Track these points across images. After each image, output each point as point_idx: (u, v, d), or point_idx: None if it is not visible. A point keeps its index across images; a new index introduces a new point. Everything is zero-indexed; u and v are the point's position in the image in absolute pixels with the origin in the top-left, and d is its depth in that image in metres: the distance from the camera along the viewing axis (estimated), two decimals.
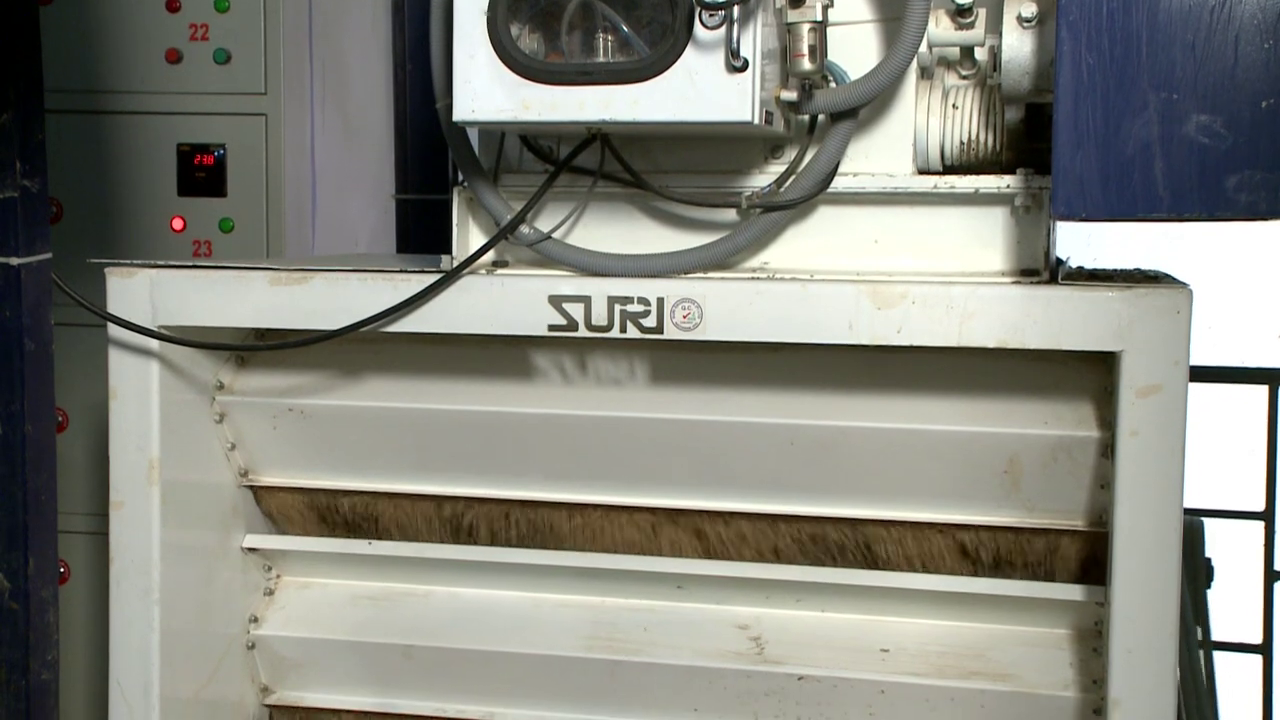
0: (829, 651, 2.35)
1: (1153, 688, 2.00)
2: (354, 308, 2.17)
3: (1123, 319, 1.94)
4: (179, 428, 2.31)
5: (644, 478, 2.34)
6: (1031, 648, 2.30)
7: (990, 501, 2.23)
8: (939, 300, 2.01)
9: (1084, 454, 2.13)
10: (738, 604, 2.42)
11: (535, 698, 2.46)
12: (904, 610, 2.36)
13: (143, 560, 2.27)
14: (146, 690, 2.27)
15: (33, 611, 1.94)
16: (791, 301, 2.06)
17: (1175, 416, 1.94)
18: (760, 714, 2.38)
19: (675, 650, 2.38)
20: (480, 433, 2.35)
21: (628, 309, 2.11)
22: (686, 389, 2.27)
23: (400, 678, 2.50)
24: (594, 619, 2.45)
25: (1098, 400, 2.13)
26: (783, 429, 2.23)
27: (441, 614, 2.50)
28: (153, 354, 2.25)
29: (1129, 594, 2.00)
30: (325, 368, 2.39)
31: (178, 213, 3.27)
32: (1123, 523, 1.98)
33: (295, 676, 2.55)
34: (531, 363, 2.32)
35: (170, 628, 2.30)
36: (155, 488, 2.26)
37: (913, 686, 2.29)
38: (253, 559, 2.52)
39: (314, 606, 2.55)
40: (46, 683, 1.98)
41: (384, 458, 2.42)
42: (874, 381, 2.22)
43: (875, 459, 2.23)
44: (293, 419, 2.40)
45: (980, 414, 2.18)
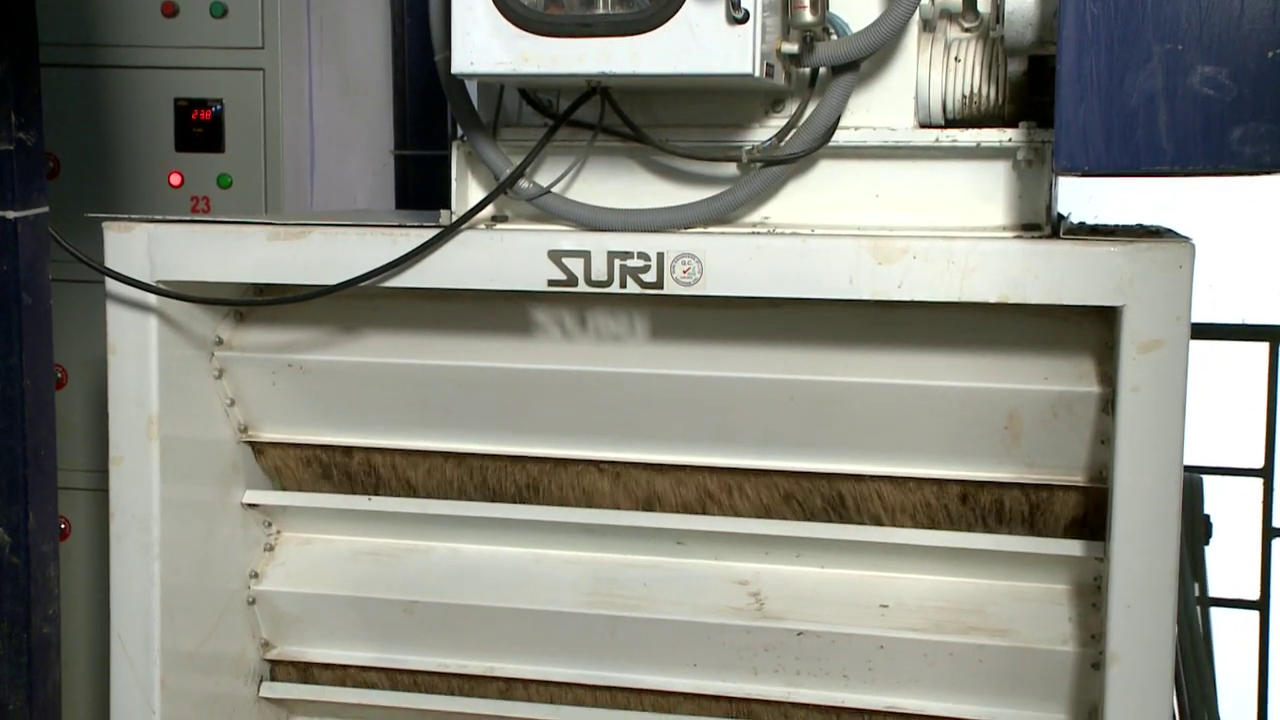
0: (828, 607, 2.36)
1: (1151, 642, 2.01)
2: (353, 263, 2.16)
3: (1124, 274, 1.93)
4: (178, 383, 2.31)
5: (644, 433, 2.33)
6: (1030, 603, 2.30)
7: (990, 457, 2.23)
8: (940, 255, 2.00)
9: (1084, 409, 2.13)
10: (737, 560, 2.42)
11: (536, 653, 2.47)
12: (903, 566, 2.36)
13: (143, 516, 2.27)
14: (147, 644, 2.28)
15: (34, 566, 1.95)
16: (792, 256, 2.05)
17: (1176, 372, 1.94)
18: (760, 669, 2.39)
19: (675, 606, 2.39)
20: (480, 389, 2.35)
21: (627, 264, 2.10)
22: (686, 344, 2.27)
23: (401, 633, 2.51)
24: (594, 574, 2.45)
25: (1098, 356, 2.12)
26: (783, 384, 2.22)
27: (442, 569, 2.50)
28: (151, 309, 2.24)
29: (1128, 549, 2.00)
30: (324, 323, 2.38)
31: (175, 168, 3.25)
32: (1123, 478, 1.98)
33: (296, 632, 2.55)
34: (531, 318, 2.32)
35: (171, 583, 2.30)
36: (155, 443, 2.26)
37: (912, 642, 2.30)
38: (253, 515, 2.53)
39: (314, 562, 2.55)
40: (48, 636, 1.98)
41: (383, 413, 2.42)
42: (874, 337, 2.22)
43: (875, 414, 2.23)
44: (292, 375, 2.39)
45: (980, 369, 2.18)
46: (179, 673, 2.32)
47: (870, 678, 2.35)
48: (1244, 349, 4.41)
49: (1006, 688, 2.29)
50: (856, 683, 2.36)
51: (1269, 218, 4.91)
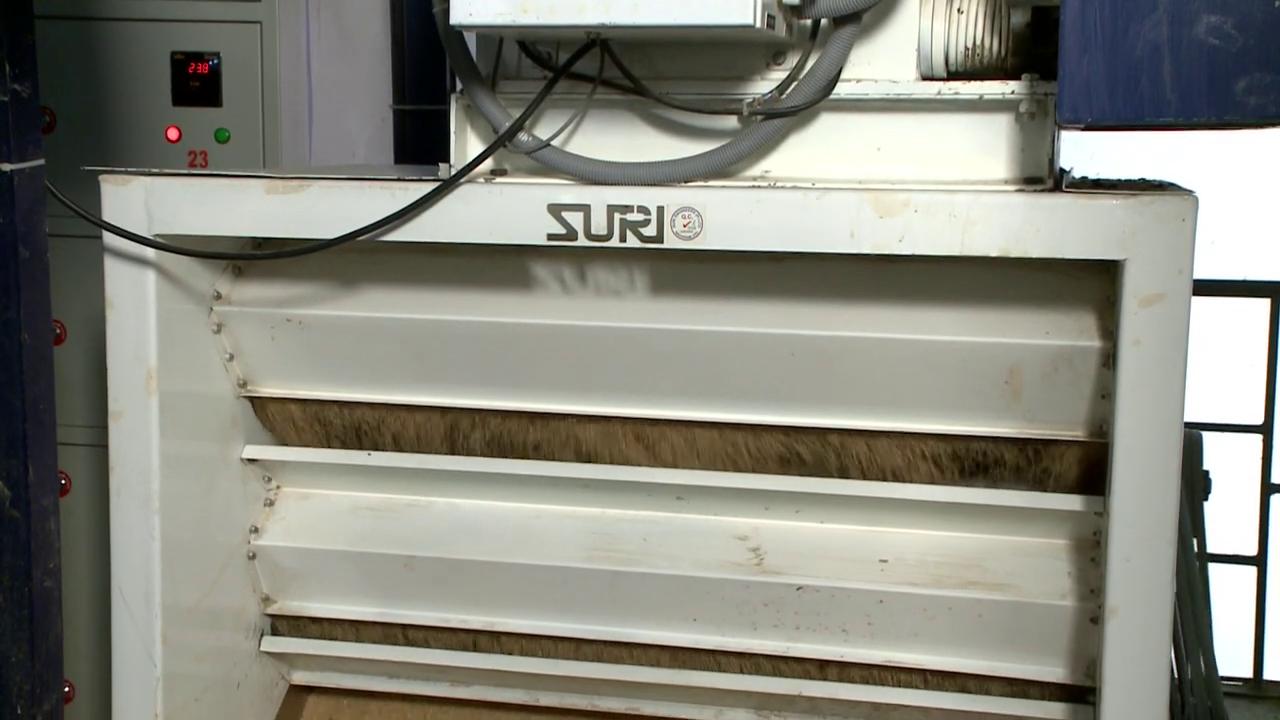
0: (828, 562, 2.36)
1: (1150, 596, 2.01)
2: (351, 216, 2.15)
3: (1127, 227, 1.92)
4: (177, 338, 2.30)
5: (644, 388, 2.33)
6: (1029, 558, 2.31)
7: (990, 412, 2.23)
8: (941, 208, 1.99)
9: (1085, 364, 2.12)
10: (737, 515, 2.42)
11: (535, 608, 2.48)
12: (903, 521, 2.36)
13: (142, 470, 2.27)
14: (148, 598, 2.28)
15: (34, 519, 1.95)
16: (793, 210, 2.04)
17: (1178, 326, 1.93)
18: (759, 624, 2.40)
19: (674, 561, 2.39)
20: (479, 343, 2.34)
21: (627, 218, 2.09)
22: (686, 299, 2.26)
23: (401, 588, 2.51)
24: (593, 529, 2.46)
25: (1100, 310, 2.11)
26: (783, 339, 2.22)
27: (442, 525, 2.51)
28: (149, 263, 2.23)
29: (1128, 503, 2.00)
30: (323, 278, 2.37)
31: (172, 122, 3.23)
32: (1123, 432, 1.98)
33: (296, 586, 2.56)
34: (530, 273, 2.31)
35: (171, 537, 2.30)
36: (154, 398, 2.25)
37: (911, 596, 2.31)
38: (252, 470, 2.53)
39: (314, 517, 2.56)
40: (49, 589, 1.99)
41: (383, 368, 2.42)
42: (875, 292, 2.21)
43: (875, 369, 2.22)
44: (291, 329, 2.39)
45: (981, 324, 2.17)
46: (180, 627, 2.33)
47: (869, 632, 2.35)
48: (1244, 305, 4.41)
49: (1005, 642, 2.30)
50: (855, 637, 2.36)
51: (1270, 175, 4.90)
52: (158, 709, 2.29)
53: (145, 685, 2.29)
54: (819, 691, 2.39)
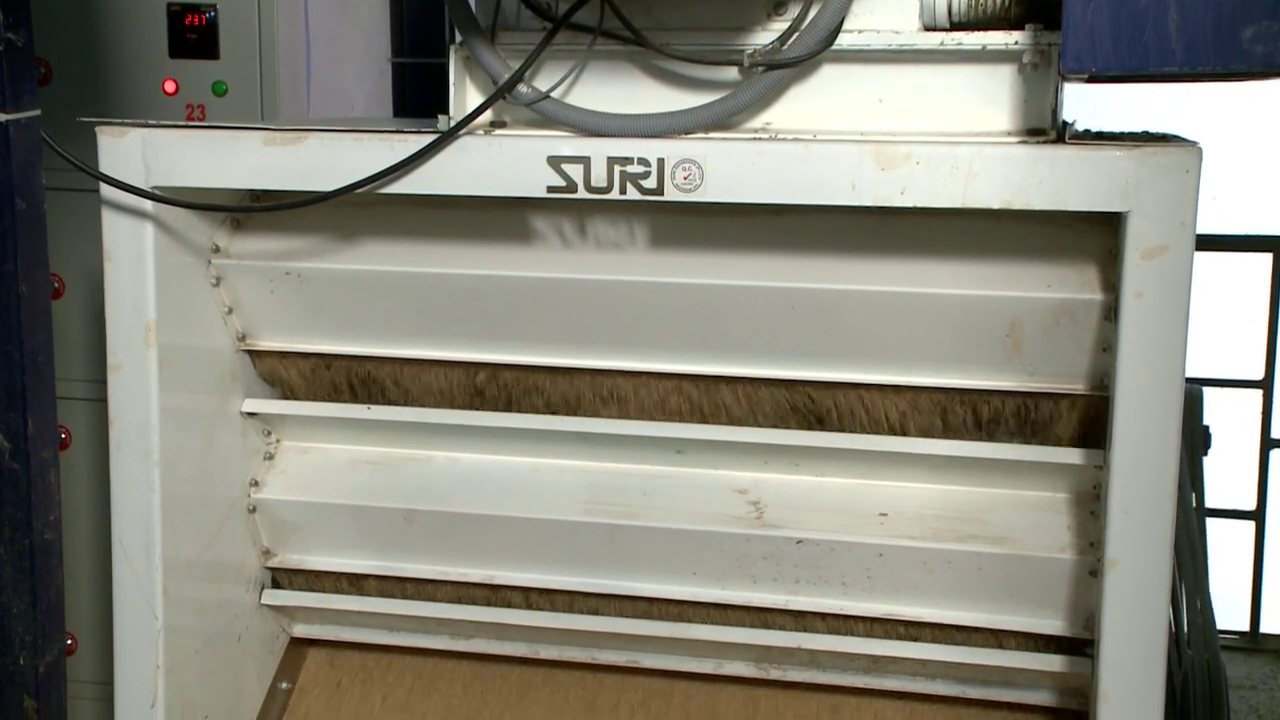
0: (827, 515, 2.36)
1: (1150, 549, 2.02)
2: (350, 168, 2.13)
3: (1130, 179, 1.91)
4: (175, 291, 2.29)
5: (643, 342, 2.33)
6: (1029, 511, 2.31)
7: (991, 366, 2.22)
8: (943, 160, 1.98)
9: (1086, 317, 2.12)
10: (737, 468, 2.42)
11: (535, 561, 2.48)
12: (902, 474, 2.36)
13: (142, 423, 2.27)
14: (149, 551, 2.29)
15: (34, 472, 1.94)
16: (794, 162, 2.03)
17: (1180, 278, 1.92)
18: (758, 577, 2.40)
19: (674, 514, 2.40)
20: (479, 297, 2.33)
21: (627, 170, 2.07)
22: (686, 252, 2.25)
23: (401, 541, 2.52)
24: (593, 483, 2.46)
25: (1102, 263, 2.11)
26: (783, 292, 2.21)
27: (442, 478, 2.51)
28: (147, 215, 2.22)
29: (1129, 456, 2.00)
30: (322, 231, 2.37)
31: (169, 75, 3.20)
32: (1124, 384, 1.98)
33: (296, 540, 2.56)
34: (530, 226, 2.30)
35: (171, 491, 2.30)
36: (153, 350, 2.25)
37: (910, 550, 2.31)
38: (252, 423, 2.53)
39: (314, 471, 2.56)
40: (50, 541, 1.99)
41: (382, 322, 2.41)
42: (876, 245, 2.20)
43: (876, 323, 2.22)
44: (290, 283, 2.38)
45: (983, 277, 2.16)
46: (180, 579, 2.34)
47: (869, 585, 2.36)
48: (1246, 261, 4.40)
49: (1004, 595, 2.30)
50: (855, 590, 2.37)
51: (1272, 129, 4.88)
52: (159, 660, 2.30)
53: (146, 637, 2.30)
54: (818, 644, 2.40)
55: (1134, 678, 2.04)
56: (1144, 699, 2.04)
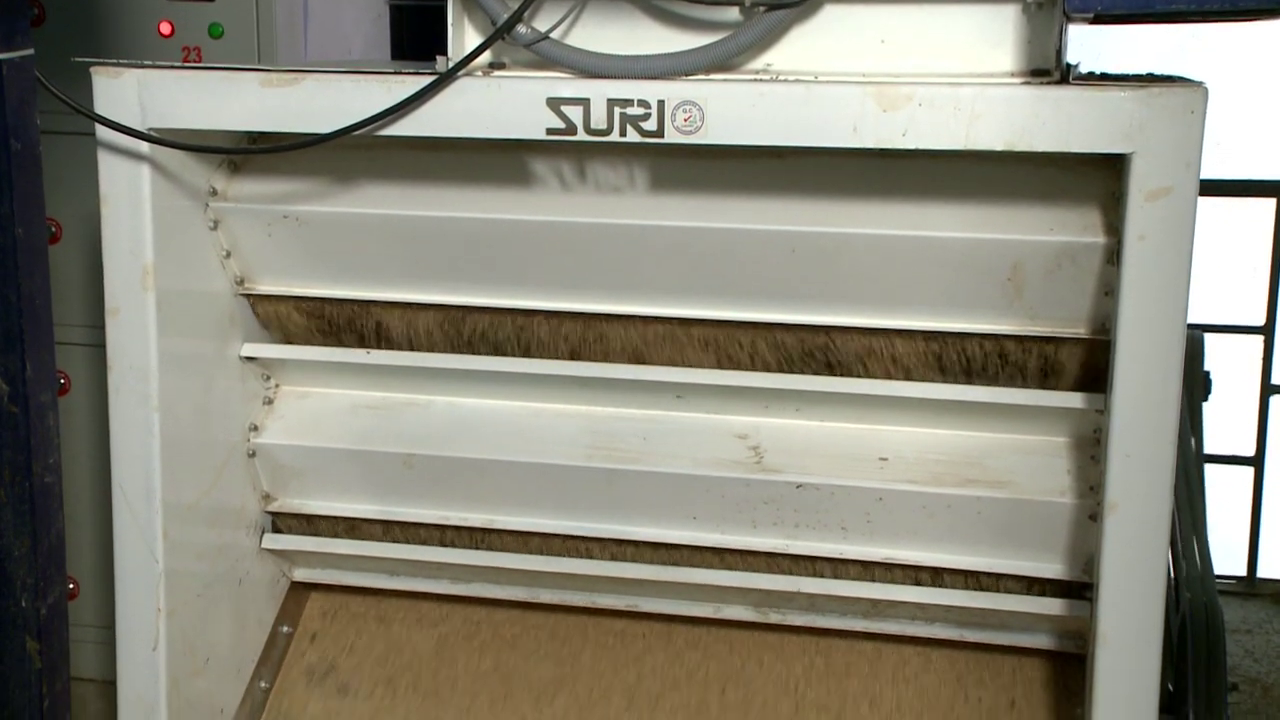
0: (827, 460, 2.36)
1: (1150, 493, 2.01)
2: (347, 111, 2.11)
3: (1134, 119, 1.89)
4: (173, 234, 2.28)
5: (643, 286, 2.32)
6: (1029, 455, 2.31)
7: (992, 309, 2.21)
8: (946, 102, 1.96)
9: (1089, 260, 2.11)
10: (736, 413, 2.42)
11: (535, 506, 2.48)
12: (903, 419, 2.36)
13: (140, 367, 2.26)
14: (149, 496, 2.29)
15: (32, 415, 1.94)
16: (795, 104, 2.01)
17: (1184, 220, 1.91)
18: (758, 522, 2.40)
19: (674, 459, 2.40)
20: (477, 240, 2.32)
21: (627, 112, 2.06)
22: (687, 195, 2.24)
23: (401, 486, 2.52)
24: (593, 428, 2.46)
25: (1104, 206, 2.09)
26: (784, 236, 2.20)
27: (441, 423, 2.51)
28: (143, 157, 2.20)
29: (1130, 400, 1.99)
30: (320, 174, 2.35)
31: (165, 17, 3.17)
32: (1126, 327, 1.97)
33: (296, 484, 2.57)
34: (529, 169, 2.28)
35: (170, 435, 2.30)
36: (151, 294, 2.24)
37: (910, 494, 2.31)
38: (251, 368, 2.52)
39: (313, 415, 2.55)
40: (50, 485, 1.99)
41: (381, 266, 2.40)
42: (877, 188, 2.19)
43: (877, 266, 2.21)
44: (288, 226, 2.37)
45: (984, 221, 2.15)
46: (181, 523, 2.34)
47: (869, 530, 2.36)
48: (1247, 207, 4.39)
49: (1004, 539, 2.31)
50: (855, 535, 2.37)
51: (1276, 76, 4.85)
52: (160, 604, 2.31)
53: (148, 581, 2.31)
54: (818, 588, 2.41)
55: (1133, 620, 2.04)
56: (1142, 641, 2.04)
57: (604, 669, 2.55)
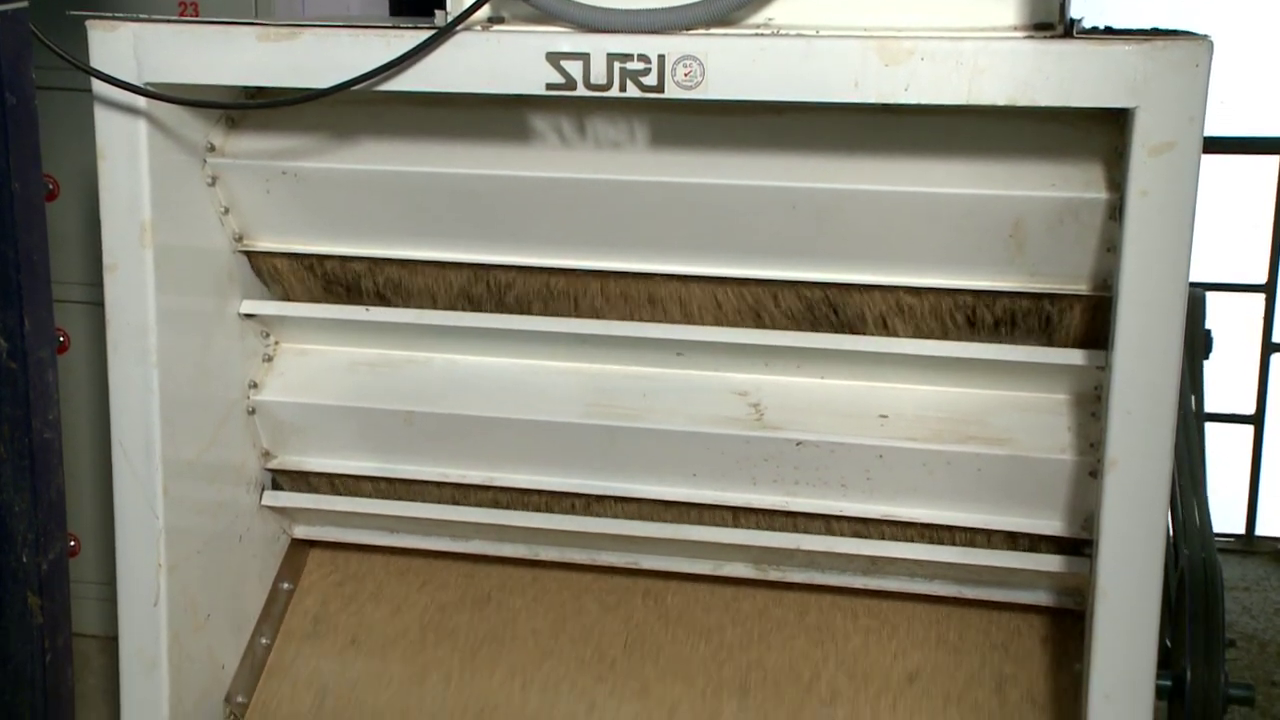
0: (828, 417, 2.36)
1: (1150, 449, 2.01)
2: (346, 65, 2.10)
3: (1139, 73, 1.88)
4: (171, 190, 2.27)
5: (643, 242, 2.31)
6: (1030, 413, 2.31)
7: (993, 266, 2.21)
8: (948, 56, 1.94)
9: (1091, 216, 2.10)
10: (737, 370, 2.42)
11: (535, 463, 2.49)
12: (903, 376, 2.36)
13: (139, 324, 2.25)
14: (149, 452, 2.29)
15: (31, 370, 1.93)
16: (796, 58, 1.99)
17: (1187, 175, 1.90)
18: (758, 479, 2.41)
19: (674, 416, 2.40)
20: (476, 197, 2.31)
21: (627, 67, 2.04)
22: (687, 151, 2.23)
23: (401, 443, 2.52)
24: (593, 385, 2.45)
25: (1107, 161, 2.08)
26: (785, 192, 2.19)
27: (441, 380, 2.50)
28: (140, 112, 2.19)
29: (1131, 356, 1.99)
30: (318, 130, 2.34)
31: None
32: (1128, 284, 1.96)
33: (296, 441, 2.57)
34: (528, 125, 2.27)
35: (169, 392, 2.30)
36: (149, 250, 2.23)
37: (910, 451, 2.31)
38: (250, 325, 2.52)
39: (313, 373, 2.55)
40: (49, 441, 1.98)
41: (380, 223, 2.39)
42: (878, 144, 2.18)
43: (878, 223, 2.20)
44: (286, 182, 2.36)
45: (986, 176, 2.14)
46: (180, 480, 2.34)
47: (868, 487, 2.37)
48: (1249, 165, 4.37)
49: (1004, 496, 2.31)
50: (854, 492, 2.38)
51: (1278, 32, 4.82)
52: (161, 559, 2.31)
53: (148, 536, 2.31)
54: (817, 545, 2.41)
55: (1132, 577, 2.04)
56: (1141, 598, 2.05)
57: (603, 626, 2.55)
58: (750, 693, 2.44)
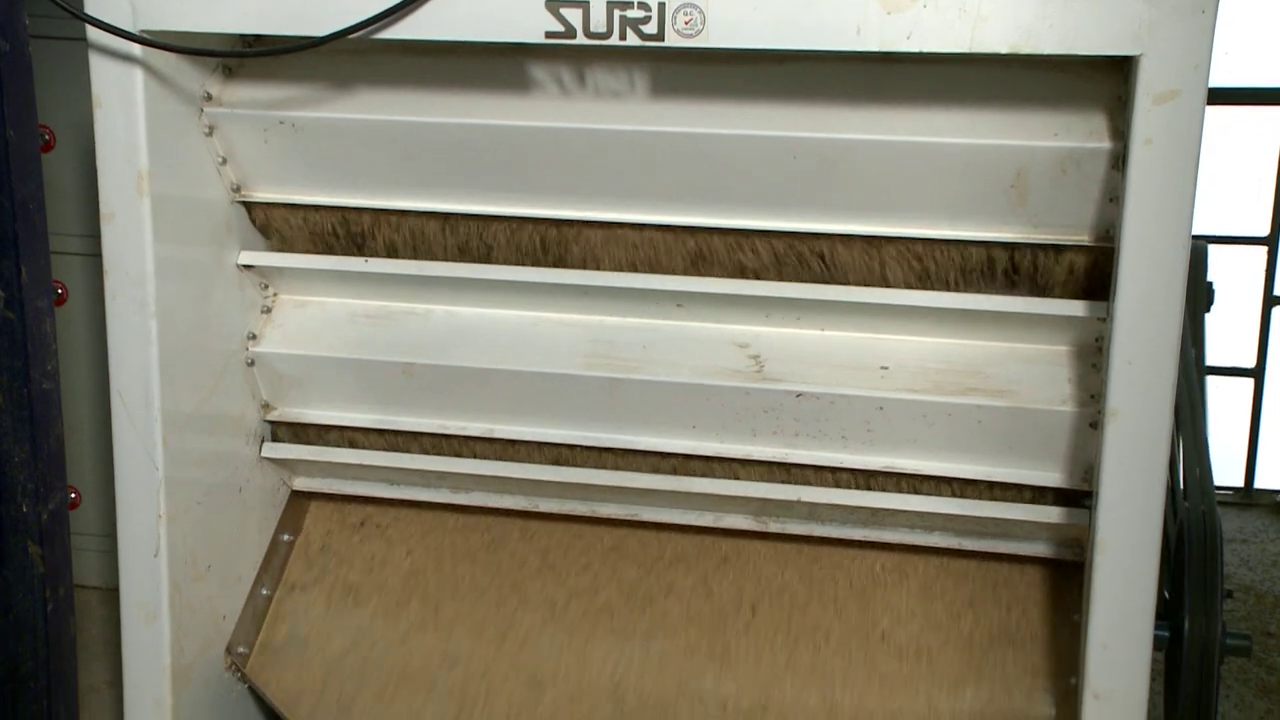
0: (828, 369, 2.36)
1: (1151, 401, 2.01)
2: (344, 12, 2.07)
3: (1143, 20, 1.86)
4: (167, 140, 2.25)
5: (643, 193, 2.29)
6: (1030, 364, 2.30)
7: (995, 217, 2.20)
8: (951, 3, 1.92)
9: (1094, 166, 2.08)
10: (737, 322, 2.41)
11: (535, 414, 2.48)
12: (904, 328, 2.35)
13: (137, 274, 2.24)
14: (148, 403, 2.28)
15: (29, 320, 1.93)
16: (798, 5, 1.97)
17: (1192, 124, 1.88)
18: (758, 430, 2.40)
19: (674, 368, 2.39)
20: (476, 147, 2.30)
21: (628, 14, 2.02)
22: (687, 101, 2.21)
23: (400, 395, 2.51)
24: (593, 336, 2.45)
25: (1110, 111, 2.07)
26: (785, 142, 2.17)
27: (440, 332, 2.50)
28: (135, 60, 2.17)
29: (1132, 305, 1.98)
30: (316, 79, 2.32)
31: None
32: (1131, 234, 1.95)
33: (295, 393, 2.56)
34: (528, 74, 2.25)
35: (168, 342, 2.29)
36: (146, 200, 2.22)
37: (911, 403, 2.31)
38: (249, 276, 2.51)
39: (312, 324, 2.54)
40: (48, 391, 1.98)
41: (379, 173, 2.38)
42: (880, 93, 2.16)
43: (879, 173, 2.18)
44: (284, 132, 2.34)
45: (988, 126, 2.12)
46: (180, 431, 2.34)
47: (868, 439, 2.36)
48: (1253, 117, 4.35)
49: (1004, 448, 2.31)
50: (855, 444, 2.38)
51: None
52: (160, 510, 2.31)
53: (148, 487, 2.31)
54: (817, 497, 2.41)
55: (1131, 528, 2.04)
56: (1141, 549, 2.05)
57: (603, 577, 2.56)
58: (749, 643, 2.45)
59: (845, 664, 2.40)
